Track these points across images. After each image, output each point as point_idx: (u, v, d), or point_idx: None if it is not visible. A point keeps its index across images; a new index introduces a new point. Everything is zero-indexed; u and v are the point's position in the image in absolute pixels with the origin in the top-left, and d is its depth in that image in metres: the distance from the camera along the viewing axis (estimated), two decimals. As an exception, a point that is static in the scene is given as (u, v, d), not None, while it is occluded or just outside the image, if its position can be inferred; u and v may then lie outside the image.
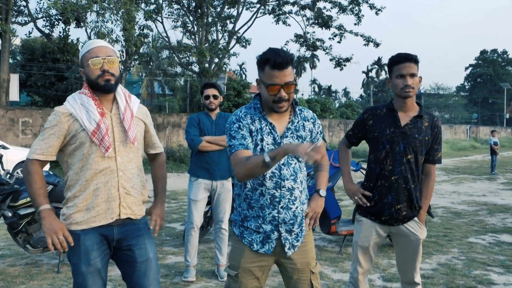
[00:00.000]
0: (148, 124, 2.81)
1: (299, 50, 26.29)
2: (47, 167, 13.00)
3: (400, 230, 3.18)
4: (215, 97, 4.79)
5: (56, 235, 2.41)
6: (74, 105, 2.54)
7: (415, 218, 3.18)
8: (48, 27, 19.62)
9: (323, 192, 2.68)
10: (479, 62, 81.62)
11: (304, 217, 2.62)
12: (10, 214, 4.74)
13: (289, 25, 25.57)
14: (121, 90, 2.66)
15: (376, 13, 23.44)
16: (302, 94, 78.85)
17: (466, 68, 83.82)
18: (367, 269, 3.30)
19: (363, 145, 3.79)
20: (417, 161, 3.13)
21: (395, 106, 3.16)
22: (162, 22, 22.88)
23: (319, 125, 2.71)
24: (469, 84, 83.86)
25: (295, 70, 2.41)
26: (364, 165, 6.18)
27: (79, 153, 2.54)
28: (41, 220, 2.46)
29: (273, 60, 2.36)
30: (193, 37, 23.31)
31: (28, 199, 4.75)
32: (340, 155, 3.47)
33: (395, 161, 3.09)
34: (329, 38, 25.02)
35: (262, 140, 2.52)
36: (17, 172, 11.98)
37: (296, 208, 2.55)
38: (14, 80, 20.13)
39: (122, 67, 21.28)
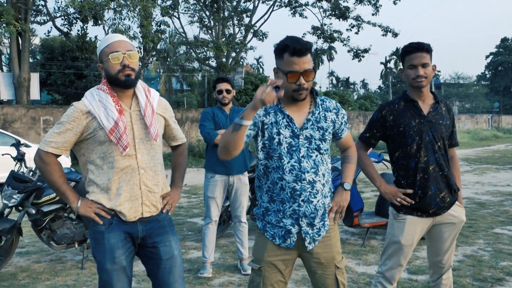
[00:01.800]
0: (168, 118, 2.75)
1: (317, 42, 26.04)
2: (68, 164, 13.16)
3: (444, 218, 3.10)
4: (228, 91, 4.76)
5: (94, 209, 2.50)
6: (92, 102, 2.48)
7: (457, 202, 3.13)
8: (66, 26, 19.84)
9: (347, 185, 2.60)
10: (500, 50, 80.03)
11: (327, 211, 2.55)
12: (34, 211, 4.79)
13: (305, 17, 25.46)
14: (140, 85, 2.61)
15: (394, 2, 23.19)
16: (320, 87, 78.38)
17: (487, 57, 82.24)
18: (404, 267, 3.21)
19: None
20: (445, 147, 3.09)
21: (411, 96, 3.08)
22: (178, 18, 22.93)
23: (344, 115, 2.61)
24: (490, 72, 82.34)
25: (312, 60, 2.38)
26: (386, 156, 6.10)
27: (99, 150, 2.50)
28: (71, 204, 2.52)
29: (292, 46, 2.31)
30: (209, 32, 23.35)
31: (52, 196, 4.78)
32: (361, 160, 3.21)
33: (428, 151, 3.01)
34: (347, 30, 24.91)
35: (279, 133, 2.46)
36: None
37: (318, 201, 2.48)
38: (35, 79, 20.35)
39: (140, 64, 21.40)
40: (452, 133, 3.18)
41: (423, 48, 2.95)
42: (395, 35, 24.12)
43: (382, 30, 24.06)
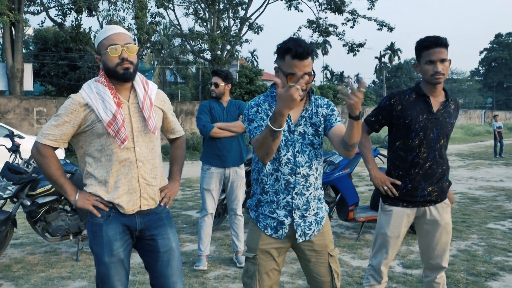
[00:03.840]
0: (166, 110, 2.73)
1: (312, 36, 26.00)
2: (62, 155, 13.09)
3: (428, 214, 3.12)
4: (215, 85, 4.73)
5: (92, 202, 2.49)
6: (90, 94, 2.45)
7: (446, 201, 3.14)
8: (60, 17, 19.68)
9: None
10: (494, 46, 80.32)
11: (320, 210, 2.62)
12: (28, 203, 4.75)
13: (301, 10, 25.39)
14: (138, 77, 2.59)
15: (390, -3, 23.14)
16: (314, 81, 78.33)
17: (481, 52, 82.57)
18: (392, 259, 3.24)
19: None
20: (447, 143, 3.11)
21: (424, 91, 3.05)
22: (173, 10, 22.82)
23: (333, 107, 2.63)
24: (483, 68, 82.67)
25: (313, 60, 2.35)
26: (382, 151, 6.11)
27: (97, 143, 2.48)
28: (69, 196, 2.50)
29: (294, 50, 2.33)
30: (205, 24, 23.27)
31: (47, 187, 4.76)
32: (361, 141, 3.28)
33: (430, 148, 3.01)
34: (342, 24, 24.85)
35: None
36: (33, 161, 12.01)
37: (310, 194, 2.56)
38: (28, 70, 20.22)
39: (135, 56, 21.29)
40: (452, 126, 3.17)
41: (442, 43, 2.88)
42: (391, 29, 24.14)
43: (377, 24, 24.06)
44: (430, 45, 2.89)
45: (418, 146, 3.02)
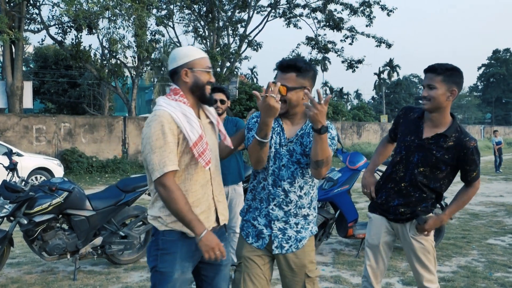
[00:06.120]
0: None
1: (311, 53, 26.15)
2: (61, 173, 13.03)
3: (407, 237, 3.10)
4: (222, 102, 4.74)
5: (214, 251, 2.36)
6: (175, 112, 2.39)
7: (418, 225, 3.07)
8: (60, 34, 19.84)
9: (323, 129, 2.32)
10: (492, 61, 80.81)
11: (303, 229, 2.63)
12: (25, 222, 4.71)
13: (300, 28, 25.59)
14: None
15: (388, 14, 23.34)
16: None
17: (479, 68, 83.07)
18: (380, 270, 3.21)
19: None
20: (433, 175, 2.98)
21: (425, 115, 3.03)
22: (173, 28, 23.01)
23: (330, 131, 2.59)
24: (482, 84, 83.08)
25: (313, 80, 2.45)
26: (381, 167, 6.09)
27: (182, 162, 2.42)
28: (197, 232, 2.35)
29: (279, 63, 2.57)
30: (204, 41, 23.40)
31: (44, 206, 4.71)
32: (378, 146, 3.45)
33: (407, 170, 3.04)
34: (341, 40, 25.01)
35: (271, 138, 2.62)
36: (31, 179, 12.02)
37: (289, 210, 2.60)
38: (28, 88, 20.30)
39: (134, 73, 21.39)
40: (465, 171, 2.99)
41: (432, 69, 2.93)
42: (389, 46, 24.25)
43: (376, 41, 24.19)
44: (424, 71, 3.00)
45: (398, 163, 3.09)
